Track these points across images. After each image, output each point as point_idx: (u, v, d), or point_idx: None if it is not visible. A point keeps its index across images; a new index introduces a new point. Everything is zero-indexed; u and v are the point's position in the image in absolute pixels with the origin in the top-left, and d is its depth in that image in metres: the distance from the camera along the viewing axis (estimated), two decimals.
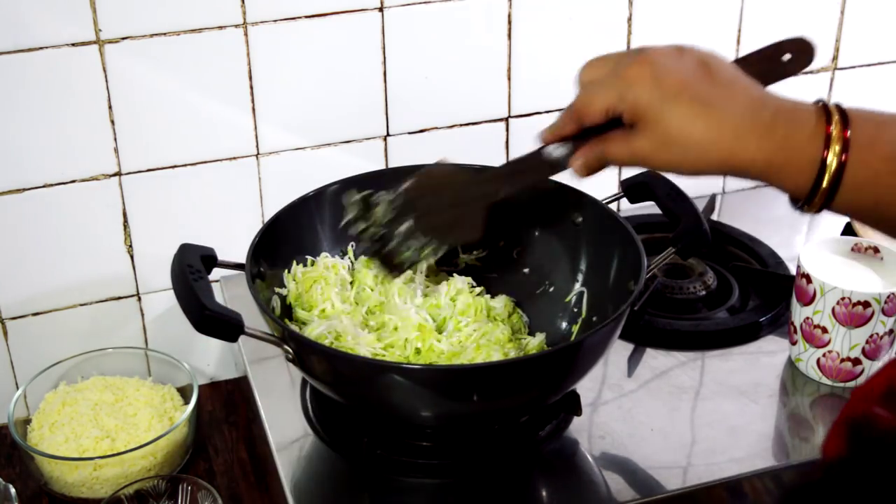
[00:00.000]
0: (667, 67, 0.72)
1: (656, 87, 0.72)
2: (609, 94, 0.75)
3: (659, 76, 0.72)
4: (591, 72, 0.78)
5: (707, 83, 0.72)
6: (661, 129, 0.72)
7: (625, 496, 0.90)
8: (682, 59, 0.73)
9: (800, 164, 0.70)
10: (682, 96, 0.71)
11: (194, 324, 0.84)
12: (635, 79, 0.72)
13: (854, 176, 0.69)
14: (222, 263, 0.95)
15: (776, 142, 0.70)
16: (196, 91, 1.11)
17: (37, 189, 1.09)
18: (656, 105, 0.72)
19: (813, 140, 0.69)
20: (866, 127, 0.69)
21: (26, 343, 1.16)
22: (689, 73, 0.72)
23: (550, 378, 0.89)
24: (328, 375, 0.91)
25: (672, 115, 0.71)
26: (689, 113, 0.71)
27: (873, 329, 1.00)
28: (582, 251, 1.05)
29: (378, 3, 1.14)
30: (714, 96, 0.71)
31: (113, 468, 1.03)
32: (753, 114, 0.70)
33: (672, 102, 0.71)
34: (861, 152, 0.68)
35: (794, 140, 0.70)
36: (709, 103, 0.71)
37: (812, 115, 0.70)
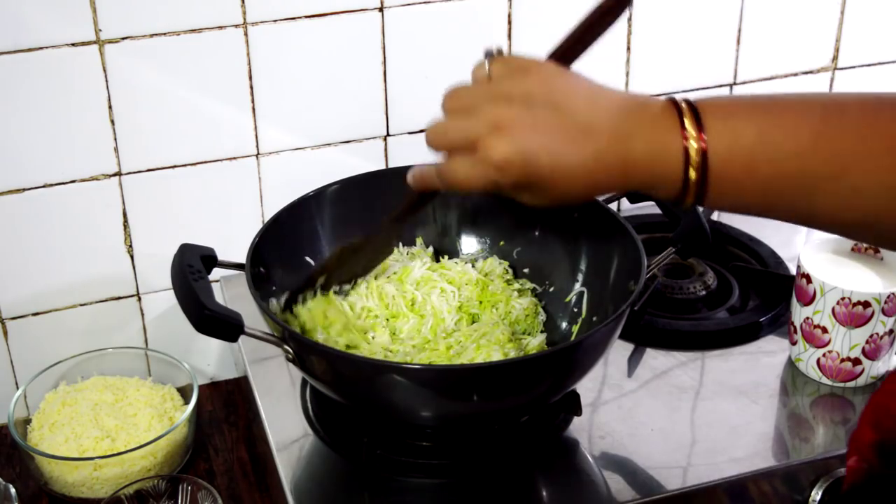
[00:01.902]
0: (530, 139, 0.69)
1: (527, 168, 0.69)
2: (480, 177, 0.71)
3: (527, 155, 0.69)
4: (443, 139, 0.74)
5: (568, 137, 0.69)
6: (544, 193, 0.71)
7: (625, 496, 0.90)
8: (537, 117, 0.70)
9: (664, 163, 0.68)
10: (556, 169, 0.69)
11: (194, 324, 0.84)
12: (504, 162, 0.69)
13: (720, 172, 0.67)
14: (222, 263, 0.95)
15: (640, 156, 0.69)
16: (196, 91, 1.11)
17: (37, 189, 1.09)
18: (534, 182, 0.70)
19: (669, 136, 0.68)
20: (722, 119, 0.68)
21: (26, 343, 1.16)
22: (550, 135, 0.69)
23: (550, 378, 0.89)
24: (328, 375, 0.91)
25: (551, 185, 0.70)
26: (566, 178, 0.70)
27: (873, 329, 1.00)
28: (582, 251, 1.05)
29: (378, 3, 1.14)
30: (578, 150, 0.69)
31: (113, 468, 1.03)
32: (615, 143, 0.69)
33: (548, 178, 0.70)
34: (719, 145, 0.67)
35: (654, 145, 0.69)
36: (578, 163, 0.69)
37: (659, 110, 0.69)
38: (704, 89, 1.32)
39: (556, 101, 0.71)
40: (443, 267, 1.07)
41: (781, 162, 0.66)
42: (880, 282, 1.01)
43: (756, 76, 1.34)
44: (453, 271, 1.06)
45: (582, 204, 1.03)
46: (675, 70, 1.30)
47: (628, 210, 1.22)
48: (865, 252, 1.05)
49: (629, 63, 1.27)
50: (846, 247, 1.06)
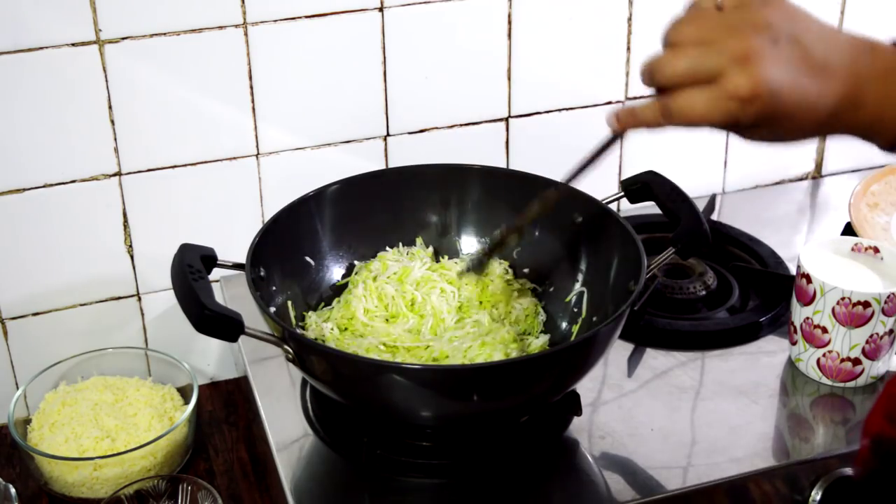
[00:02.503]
0: (774, 73, 0.68)
1: (772, 100, 0.69)
2: (720, 110, 0.70)
3: (772, 89, 0.68)
4: (681, 68, 0.71)
5: (809, 72, 0.69)
6: (781, 129, 0.71)
7: (625, 496, 0.90)
8: (782, 52, 0.69)
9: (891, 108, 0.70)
10: (798, 105, 0.69)
11: (194, 324, 0.84)
12: (753, 98, 0.68)
13: None
14: (222, 264, 0.95)
15: (871, 99, 0.70)
16: (196, 91, 1.11)
17: (37, 189, 1.09)
18: (775, 118, 0.70)
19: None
20: None
21: (26, 343, 1.16)
22: (793, 70, 0.69)
23: (550, 378, 0.89)
24: (328, 375, 0.91)
25: (790, 121, 0.70)
26: (803, 113, 0.70)
27: (873, 329, 1.00)
28: (582, 251, 1.05)
29: (378, 3, 1.14)
30: (818, 86, 0.69)
31: (113, 468, 1.03)
32: (850, 82, 0.70)
33: (789, 113, 0.70)
34: None
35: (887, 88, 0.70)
36: (817, 99, 0.69)
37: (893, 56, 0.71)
38: None
39: (796, 35, 0.70)
40: (443, 267, 1.07)
41: None
42: (880, 282, 1.01)
43: None
44: (453, 271, 1.06)
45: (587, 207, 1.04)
46: None
47: (628, 210, 1.22)
48: (865, 252, 1.05)
49: (629, 63, 1.27)
50: (846, 247, 1.06)
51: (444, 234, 1.11)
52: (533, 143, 1.28)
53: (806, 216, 1.38)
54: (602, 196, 1.04)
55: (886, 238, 1.23)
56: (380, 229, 1.09)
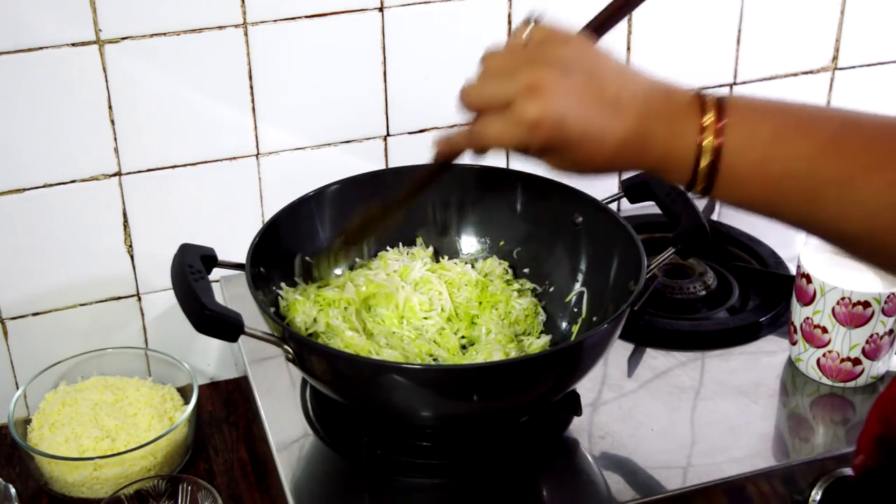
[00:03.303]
0: (563, 104, 0.71)
1: (557, 130, 0.71)
2: (511, 137, 0.74)
3: (558, 119, 0.71)
4: (477, 99, 0.77)
5: (598, 107, 0.72)
6: (569, 159, 0.73)
7: (625, 496, 0.90)
8: (573, 83, 0.72)
9: (678, 153, 0.71)
10: (584, 136, 0.71)
11: (194, 324, 0.84)
12: (536, 123, 0.71)
13: (728, 165, 0.70)
14: (222, 263, 0.95)
15: (658, 141, 0.71)
16: (196, 91, 1.11)
17: (37, 189, 1.09)
18: (560, 146, 0.72)
19: (687, 129, 0.70)
20: (741, 118, 0.70)
21: (26, 343, 1.16)
22: (582, 102, 0.72)
23: (550, 378, 0.89)
24: (328, 375, 0.91)
25: (576, 151, 0.72)
26: (590, 146, 0.72)
27: (873, 329, 1.00)
28: (582, 251, 1.05)
29: (378, 3, 1.14)
30: (607, 121, 0.71)
31: (113, 468, 1.03)
32: (639, 122, 0.72)
33: (575, 143, 0.72)
34: (735, 143, 0.69)
35: (673, 134, 0.71)
36: (604, 133, 0.71)
37: (685, 103, 0.72)
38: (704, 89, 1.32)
39: (590, 70, 0.73)
40: (442, 268, 1.07)
41: (792, 161, 0.68)
42: (880, 282, 1.01)
43: (756, 76, 1.34)
44: (453, 272, 1.06)
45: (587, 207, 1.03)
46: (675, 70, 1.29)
47: (628, 210, 1.22)
48: None
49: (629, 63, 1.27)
50: None
51: (444, 234, 1.11)
52: None
53: None
54: (602, 196, 1.04)
55: None
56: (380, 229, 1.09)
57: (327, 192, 1.06)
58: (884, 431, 0.71)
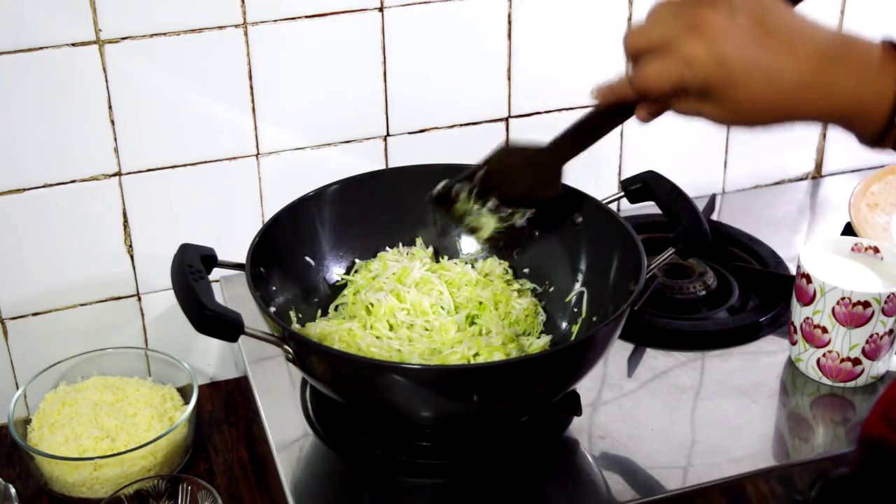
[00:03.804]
0: (725, 41, 0.71)
1: (719, 67, 0.71)
2: (670, 75, 0.73)
3: (720, 55, 0.71)
4: (642, 41, 0.76)
5: (767, 47, 0.71)
6: (731, 103, 0.72)
7: (625, 496, 0.90)
8: (737, 23, 0.71)
9: (871, 101, 0.69)
10: (749, 74, 0.70)
11: (194, 324, 0.84)
12: (696, 59, 0.71)
13: None
14: (222, 263, 0.95)
15: (846, 87, 0.70)
16: (196, 91, 1.11)
17: (37, 189, 1.09)
18: (722, 86, 0.72)
19: (883, 77, 0.69)
20: None
21: (26, 343, 1.16)
22: (747, 42, 0.71)
23: (550, 378, 0.89)
24: (328, 375, 0.91)
25: (741, 92, 0.71)
26: (757, 86, 0.71)
27: (873, 329, 1.00)
28: (582, 251, 1.05)
29: (378, 3, 1.14)
30: (777, 61, 0.70)
31: (113, 468, 1.03)
32: (819, 64, 0.70)
33: (739, 82, 0.71)
34: None
35: (863, 80, 0.70)
36: (774, 71, 0.70)
37: (878, 51, 0.70)
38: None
39: (760, 13, 0.71)
40: (442, 268, 1.07)
41: None
42: (880, 282, 1.01)
43: None
44: (453, 272, 1.06)
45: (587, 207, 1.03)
46: None
47: (628, 210, 1.22)
48: (865, 252, 1.05)
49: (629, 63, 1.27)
50: (846, 247, 1.06)
51: (444, 234, 1.11)
52: None
53: (806, 216, 1.38)
54: (602, 196, 1.04)
55: (886, 238, 1.23)
56: (380, 229, 1.09)
57: (327, 191, 1.06)
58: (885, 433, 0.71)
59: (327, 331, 0.98)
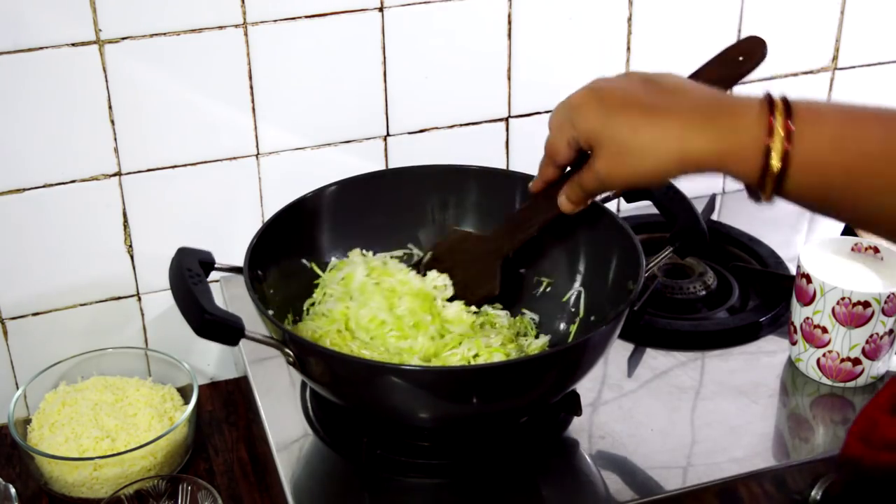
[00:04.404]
0: (610, 89, 0.78)
1: (600, 106, 0.77)
2: (565, 130, 0.81)
3: (602, 99, 0.77)
4: (554, 115, 0.84)
5: (650, 93, 0.76)
6: (612, 145, 0.77)
7: (625, 496, 0.90)
8: (627, 80, 0.78)
9: (747, 153, 0.71)
10: (626, 109, 0.75)
11: (195, 328, 0.83)
12: (582, 107, 0.78)
13: (799, 163, 0.70)
14: (220, 267, 0.94)
15: (722, 134, 0.72)
16: (196, 91, 1.11)
17: (37, 189, 1.09)
18: (602, 122, 0.77)
19: (757, 130, 0.71)
20: (809, 115, 0.71)
21: (26, 343, 1.16)
22: (630, 89, 0.77)
23: (549, 379, 0.89)
24: (328, 378, 0.90)
25: (617, 128, 0.76)
26: (632, 122, 0.75)
27: (873, 329, 1.00)
28: (580, 251, 1.05)
29: (378, 3, 1.14)
30: (657, 103, 0.75)
31: (113, 468, 1.03)
32: (697, 111, 0.74)
33: (616, 117, 0.76)
34: (804, 140, 0.70)
35: (738, 131, 0.72)
36: (652, 109, 0.74)
37: (756, 106, 0.72)
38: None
39: (651, 77, 0.78)
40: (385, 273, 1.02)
41: (864, 143, 0.69)
42: (880, 282, 1.01)
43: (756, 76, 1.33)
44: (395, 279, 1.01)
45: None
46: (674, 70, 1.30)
47: (627, 210, 1.22)
48: (865, 252, 1.05)
49: (629, 63, 1.27)
50: (846, 247, 1.06)
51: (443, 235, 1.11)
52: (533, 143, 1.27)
53: (806, 216, 1.38)
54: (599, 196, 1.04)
55: None
56: (378, 231, 1.09)
57: (325, 193, 1.06)
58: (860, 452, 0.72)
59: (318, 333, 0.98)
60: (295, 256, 1.04)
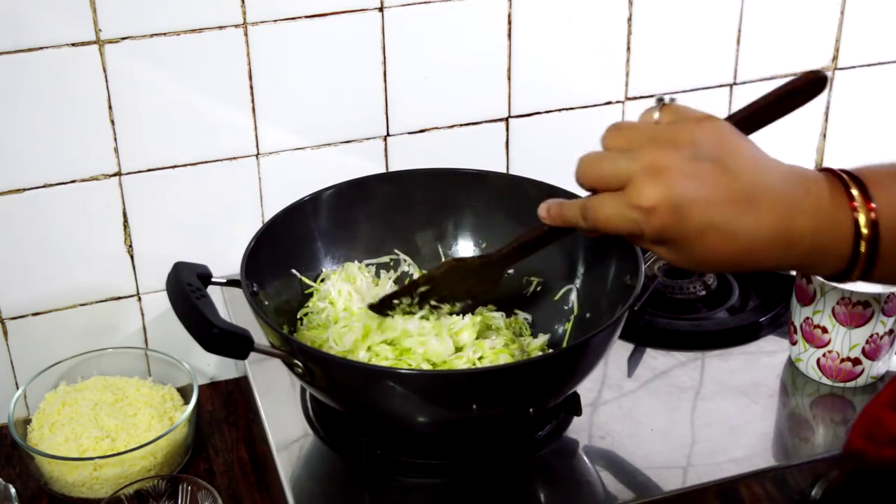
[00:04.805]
0: (685, 191, 0.66)
1: (677, 219, 0.66)
2: (626, 221, 0.68)
3: (679, 206, 0.66)
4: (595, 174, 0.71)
5: (728, 202, 0.66)
6: (688, 254, 0.69)
7: (625, 496, 0.90)
8: (700, 170, 0.66)
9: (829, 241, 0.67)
10: (708, 230, 0.66)
11: (203, 343, 0.82)
12: (654, 209, 0.66)
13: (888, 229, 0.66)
14: (217, 282, 0.94)
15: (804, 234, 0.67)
16: (196, 91, 1.11)
17: (37, 189, 1.09)
18: (679, 237, 0.68)
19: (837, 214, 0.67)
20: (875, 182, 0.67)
21: (26, 343, 1.16)
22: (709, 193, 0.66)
23: (548, 382, 0.89)
24: (341, 387, 0.89)
25: (697, 245, 0.68)
26: (715, 242, 0.67)
27: (873, 329, 1.00)
28: (579, 251, 1.05)
29: (378, 3, 1.14)
30: (738, 218, 0.66)
31: (113, 468, 1.03)
32: (778, 219, 0.67)
33: (696, 236, 0.67)
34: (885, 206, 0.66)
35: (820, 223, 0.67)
36: (734, 230, 0.66)
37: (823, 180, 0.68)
38: (704, 89, 1.32)
39: (722, 157, 0.67)
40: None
41: None
42: None
43: (756, 76, 1.34)
44: None
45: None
46: (674, 70, 1.30)
47: None
48: None
49: (629, 63, 1.27)
50: None
51: (442, 238, 1.11)
52: (533, 143, 1.28)
53: None
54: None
55: None
56: (377, 235, 1.09)
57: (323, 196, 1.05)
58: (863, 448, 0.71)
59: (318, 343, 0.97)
60: (286, 266, 1.03)
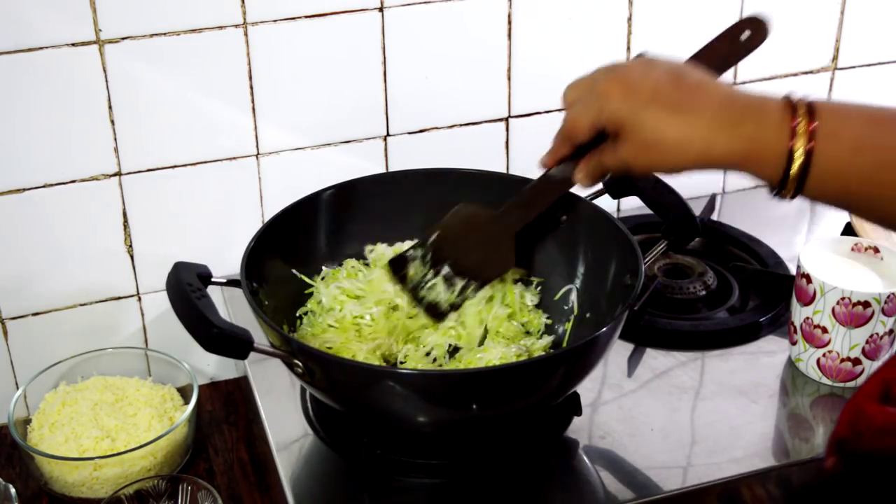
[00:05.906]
0: (637, 80, 0.79)
1: (629, 98, 0.78)
2: (590, 112, 0.81)
3: (630, 88, 0.78)
4: (572, 93, 0.85)
5: (676, 89, 0.77)
6: (639, 135, 0.78)
7: (625, 496, 0.90)
8: (651, 71, 0.79)
9: (769, 155, 0.74)
10: (654, 103, 0.77)
11: (203, 343, 0.82)
12: (610, 94, 0.79)
13: (821, 166, 0.73)
14: (217, 281, 0.94)
15: (746, 135, 0.75)
16: (196, 91, 1.11)
17: (37, 189, 1.09)
18: (631, 115, 0.78)
19: (780, 132, 0.74)
20: (831, 119, 0.73)
21: (26, 343, 1.16)
22: (658, 82, 0.78)
23: (548, 382, 0.89)
24: (343, 386, 0.89)
25: (646, 121, 0.77)
26: (661, 117, 0.77)
27: (873, 329, 1.00)
28: (578, 251, 1.04)
29: (378, 3, 1.14)
30: (684, 99, 0.77)
31: (113, 468, 1.03)
32: (722, 111, 0.76)
33: (645, 110, 0.77)
34: (826, 143, 0.73)
35: (762, 133, 0.75)
36: (679, 106, 0.76)
37: (779, 108, 0.75)
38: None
39: (676, 70, 0.79)
40: None
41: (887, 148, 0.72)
42: (880, 282, 1.01)
43: (756, 76, 1.34)
44: None
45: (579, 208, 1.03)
46: None
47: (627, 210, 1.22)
48: (865, 252, 1.05)
49: None
50: (846, 247, 1.06)
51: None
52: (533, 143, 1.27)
53: (806, 216, 1.38)
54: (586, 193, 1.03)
55: (886, 238, 1.23)
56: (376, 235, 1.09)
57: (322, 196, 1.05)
58: (848, 435, 0.72)
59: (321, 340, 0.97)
60: (286, 266, 1.03)
